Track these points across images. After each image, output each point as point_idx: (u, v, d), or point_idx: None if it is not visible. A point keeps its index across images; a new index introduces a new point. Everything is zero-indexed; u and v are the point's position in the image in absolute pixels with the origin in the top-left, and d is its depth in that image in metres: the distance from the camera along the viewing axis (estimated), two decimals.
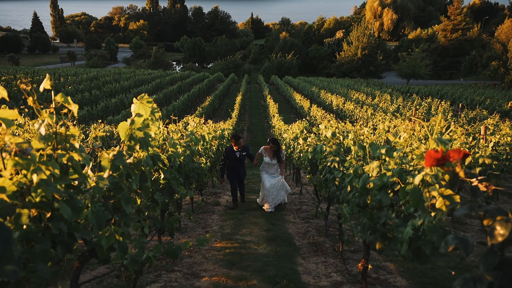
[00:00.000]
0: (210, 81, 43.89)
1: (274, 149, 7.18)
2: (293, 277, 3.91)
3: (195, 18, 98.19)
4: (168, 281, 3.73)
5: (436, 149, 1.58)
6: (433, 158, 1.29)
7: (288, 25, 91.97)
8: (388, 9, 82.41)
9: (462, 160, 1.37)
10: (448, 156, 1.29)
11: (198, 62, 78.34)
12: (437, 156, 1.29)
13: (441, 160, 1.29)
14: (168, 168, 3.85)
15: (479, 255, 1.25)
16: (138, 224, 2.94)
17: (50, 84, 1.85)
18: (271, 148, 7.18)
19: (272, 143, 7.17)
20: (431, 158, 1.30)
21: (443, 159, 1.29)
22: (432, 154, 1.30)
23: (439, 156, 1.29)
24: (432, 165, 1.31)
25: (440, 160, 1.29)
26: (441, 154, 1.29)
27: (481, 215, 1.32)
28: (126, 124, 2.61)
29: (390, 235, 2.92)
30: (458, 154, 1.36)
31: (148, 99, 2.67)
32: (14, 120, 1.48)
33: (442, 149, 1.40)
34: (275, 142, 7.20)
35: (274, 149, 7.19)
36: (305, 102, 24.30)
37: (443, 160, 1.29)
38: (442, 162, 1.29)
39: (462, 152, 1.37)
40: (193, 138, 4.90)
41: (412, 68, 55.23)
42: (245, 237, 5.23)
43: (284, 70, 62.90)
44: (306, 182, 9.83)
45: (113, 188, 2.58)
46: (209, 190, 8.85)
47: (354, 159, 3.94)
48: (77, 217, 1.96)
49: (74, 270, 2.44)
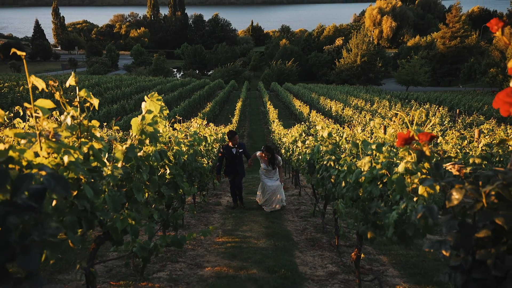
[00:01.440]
0: (211, 87, 44.26)
1: (268, 157, 7.16)
2: (291, 267, 4.15)
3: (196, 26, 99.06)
4: (173, 270, 3.97)
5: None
6: (402, 138, 1.55)
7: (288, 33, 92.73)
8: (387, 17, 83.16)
9: (429, 141, 1.63)
10: (415, 136, 1.55)
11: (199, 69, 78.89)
12: (406, 136, 1.55)
13: (409, 139, 1.55)
14: (173, 164, 4.11)
15: (443, 221, 1.51)
16: (147, 212, 3.18)
17: (75, 81, 2.11)
18: (266, 156, 7.17)
19: (266, 151, 7.15)
20: (401, 138, 1.56)
21: (410, 139, 1.55)
22: (401, 134, 1.55)
23: (407, 136, 1.55)
24: (402, 144, 1.56)
25: (408, 139, 1.55)
26: (409, 134, 1.54)
27: (443, 185, 1.59)
28: (138, 120, 2.88)
29: (379, 222, 3.17)
30: (425, 136, 1.62)
31: (158, 97, 2.94)
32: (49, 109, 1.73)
33: (410, 131, 1.64)
34: (269, 150, 7.17)
35: (268, 157, 7.17)
36: (304, 108, 24.59)
37: (410, 140, 1.55)
38: (409, 141, 1.55)
39: (429, 135, 1.63)
40: (196, 138, 5.16)
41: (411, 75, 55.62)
42: (245, 233, 5.47)
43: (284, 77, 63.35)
44: (305, 184, 10.07)
45: (125, 178, 2.83)
46: (210, 192, 9.09)
47: (348, 156, 4.20)
48: (98, 199, 2.22)
49: (90, 252, 2.69)
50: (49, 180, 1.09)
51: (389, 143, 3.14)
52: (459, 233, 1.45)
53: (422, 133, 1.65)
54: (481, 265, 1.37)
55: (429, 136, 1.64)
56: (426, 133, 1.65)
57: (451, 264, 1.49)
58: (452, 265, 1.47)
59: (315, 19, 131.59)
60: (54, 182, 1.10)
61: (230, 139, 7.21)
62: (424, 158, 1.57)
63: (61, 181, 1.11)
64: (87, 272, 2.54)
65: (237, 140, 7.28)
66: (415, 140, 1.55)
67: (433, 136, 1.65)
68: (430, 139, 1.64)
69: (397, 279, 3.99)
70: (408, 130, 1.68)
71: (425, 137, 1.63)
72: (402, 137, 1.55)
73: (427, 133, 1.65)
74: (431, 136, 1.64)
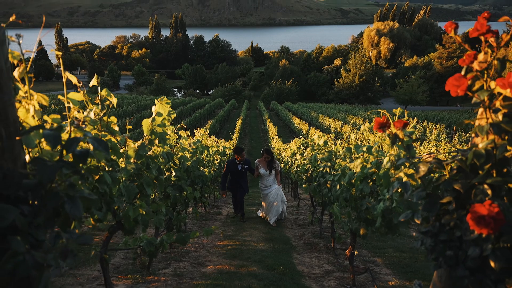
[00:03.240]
0: (211, 106, 44.80)
1: (268, 159, 7.30)
2: (289, 266, 4.38)
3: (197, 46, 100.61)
4: (177, 267, 4.19)
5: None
6: (378, 122, 1.84)
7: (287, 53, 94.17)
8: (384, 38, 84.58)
9: (403, 127, 1.92)
10: (389, 122, 1.84)
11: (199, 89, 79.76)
12: (381, 121, 1.83)
13: (384, 124, 1.84)
14: (178, 168, 4.38)
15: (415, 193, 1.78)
16: (155, 206, 3.43)
17: (98, 81, 2.42)
18: (265, 158, 7.31)
19: (266, 153, 7.31)
20: (377, 123, 1.84)
21: (385, 123, 1.84)
22: (378, 119, 1.84)
23: (383, 121, 1.83)
24: (377, 128, 1.85)
25: (383, 124, 1.84)
26: (384, 119, 1.83)
27: (414, 162, 1.87)
28: (149, 121, 3.18)
29: (369, 217, 3.43)
30: (399, 123, 1.91)
31: (167, 101, 3.24)
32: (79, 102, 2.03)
33: (385, 117, 1.92)
34: (268, 152, 7.34)
35: (268, 159, 7.31)
36: (303, 126, 24.96)
37: (385, 124, 1.84)
38: (384, 125, 1.84)
39: (402, 122, 1.92)
40: (199, 146, 5.44)
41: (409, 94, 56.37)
42: (245, 238, 5.69)
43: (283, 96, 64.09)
44: (304, 197, 10.30)
45: (136, 174, 3.11)
46: (211, 203, 9.32)
47: (343, 160, 4.48)
48: (114, 186, 2.49)
49: (104, 240, 2.94)
50: (93, 141, 1.38)
51: (377, 143, 3.42)
52: (427, 201, 1.72)
53: (397, 121, 1.94)
54: (446, 229, 1.64)
55: (403, 123, 1.93)
56: (400, 120, 1.94)
57: (421, 230, 1.76)
58: (422, 230, 1.74)
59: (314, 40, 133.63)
60: (97, 143, 1.39)
61: (238, 155, 7.28)
62: (397, 139, 1.86)
63: (102, 143, 1.40)
64: (102, 256, 2.79)
65: (244, 156, 7.37)
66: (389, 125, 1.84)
67: (406, 123, 1.94)
68: (403, 126, 1.93)
69: (390, 276, 4.22)
70: (383, 116, 1.97)
71: (399, 124, 1.92)
72: (378, 121, 1.84)
73: (401, 120, 1.94)
74: (404, 123, 1.93)
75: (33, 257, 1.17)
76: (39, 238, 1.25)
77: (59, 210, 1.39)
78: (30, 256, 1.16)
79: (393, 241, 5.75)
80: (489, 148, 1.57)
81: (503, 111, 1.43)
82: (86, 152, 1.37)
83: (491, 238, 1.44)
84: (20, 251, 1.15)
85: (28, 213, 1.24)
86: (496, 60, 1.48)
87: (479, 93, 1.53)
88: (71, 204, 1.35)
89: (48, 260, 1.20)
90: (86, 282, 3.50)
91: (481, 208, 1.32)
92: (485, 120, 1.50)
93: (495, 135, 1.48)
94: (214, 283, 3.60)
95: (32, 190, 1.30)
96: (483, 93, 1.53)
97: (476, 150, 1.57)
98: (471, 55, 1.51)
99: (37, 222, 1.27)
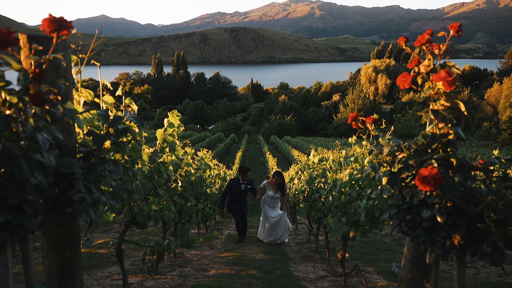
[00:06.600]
0: (212, 140, 45.47)
1: (279, 182, 7.18)
2: (286, 271, 4.70)
3: (198, 83, 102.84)
4: (182, 271, 4.52)
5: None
6: (351, 116, 2.30)
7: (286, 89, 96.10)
8: (381, 75, 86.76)
9: (371, 122, 2.37)
10: (359, 115, 2.29)
11: (200, 124, 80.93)
12: (353, 115, 2.29)
13: (355, 117, 2.30)
14: (184, 179, 4.80)
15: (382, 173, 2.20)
16: (166, 205, 3.83)
17: (122, 92, 2.90)
18: (276, 181, 7.19)
19: (278, 176, 7.20)
20: (350, 117, 2.30)
21: (356, 116, 2.30)
22: (351, 114, 2.30)
23: (354, 115, 2.29)
24: (350, 121, 2.30)
25: (354, 117, 2.29)
26: (355, 114, 2.29)
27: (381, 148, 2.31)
28: (161, 131, 3.64)
29: (357, 217, 3.82)
30: (370, 119, 2.37)
31: (177, 113, 3.72)
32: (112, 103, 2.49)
33: (356, 112, 2.37)
34: (280, 175, 7.23)
35: (279, 182, 7.19)
36: (302, 157, 25.41)
37: (355, 117, 2.29)
38: (355, 118, 2.29)
39: (371, 118, 2.38)
40: (202, 163, 5.88)
41: (407, 128, 57.37)
42: (245, 251, 6.02)
43: (283, 131, 65.05)
44: (303, 222, 10.62)
45: (149, 176, 3.53)
46: (212, 226, 9.62)
47: (334, 173, 4.91)
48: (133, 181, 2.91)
49: (120, 232, 3.33)
50: (132, 118, 1.84)
51: (362, 151, 3.87)
52: (390, 177, 2.15)
53: (368, 117, 2.40)
54: (406, 200, 2.07)
55: (372, 119, 2.39)
56: (371, 117, 2.41)
57: (388, 203, 2.19)
58: (389, 203, 2.17)
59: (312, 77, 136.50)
60: (135, 120, 1.84)
61: (243, 175, 7.20)
62: (368, 132, 2.32)
63: (138, 120, 1.85)
64: (119, 245, 3.18)
65: (249, 176, 7.29)
66: (359, 118, 2.30)
67: (375, 119, 2.40)
68: (373, 121, 2.39)
69: (379, 280, 4.54)
70: (355, 112, 2.43)
71: (370, 120, 2.39)
72: (351, 116, 2.31)
73: (372, 117, 2.41)
74: (373, 119, 2.39)
75: (92, 196, 1.60)
76: (91, 189, 1.69)
77: (102, 175, 1.82)
78: (90, 195, 1.60)
79: (385, 255, 6.06)
80: (433, 130, 2.05)
81: (441, 101, 1.91)
82: (125, 128, 1.83)
83: (433, 195, 1.88)
84: (82, 191, 1.58)
85: (84, 169, 1.68)
86: (438, 65, 1.97)
87: (426, 90, 2.02)
88: (114, 166, 1.79)
89: (102, 199, 1.63)
90: (100, 278, 3.84)
91: (424, 171, 1.77)
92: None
93: (435, 118, 1.96)
94: (217, 281, 3.94)
95: (84, 156, 1.75)
96: (428, 90, 2.03)
97: (424, 132, 2.05)
98: (416, 60, 2.00)
99: (89, 178, 1.71)
